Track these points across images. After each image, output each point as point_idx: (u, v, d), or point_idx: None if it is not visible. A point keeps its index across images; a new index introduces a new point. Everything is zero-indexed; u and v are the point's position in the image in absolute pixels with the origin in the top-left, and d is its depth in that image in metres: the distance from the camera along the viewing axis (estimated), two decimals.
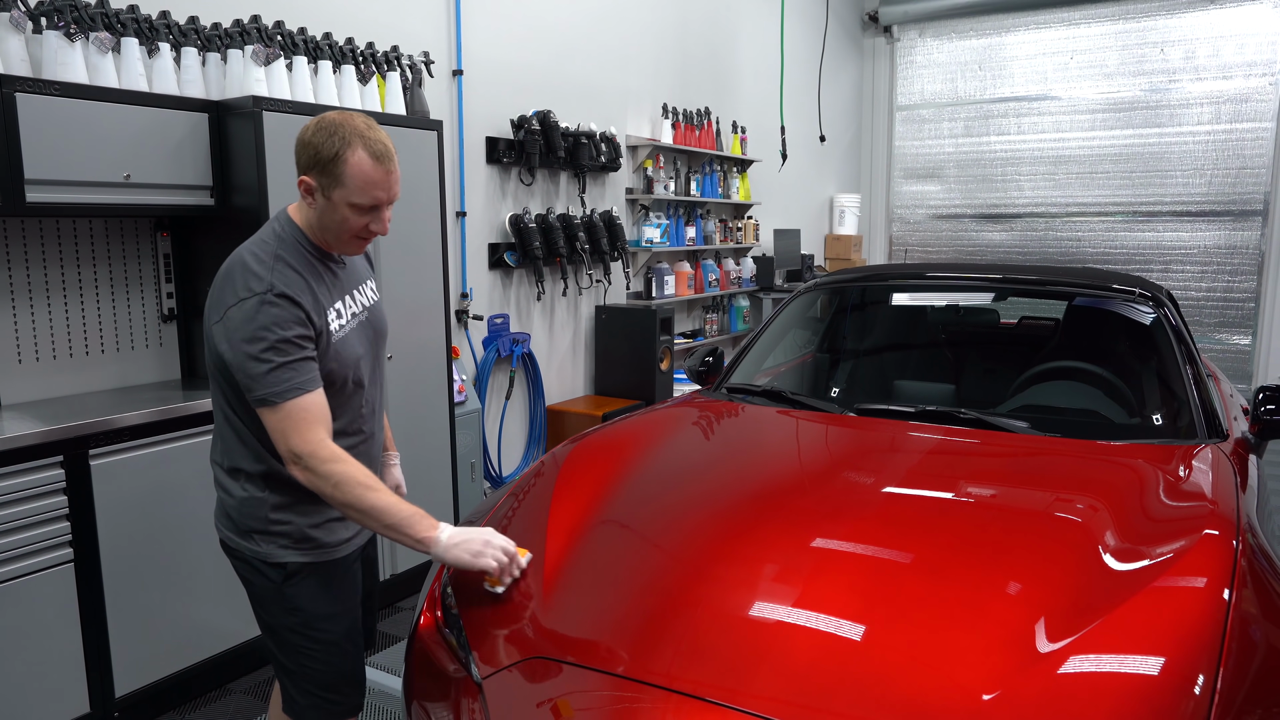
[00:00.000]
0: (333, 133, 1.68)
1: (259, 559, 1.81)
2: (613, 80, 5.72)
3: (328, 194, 1.71)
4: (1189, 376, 2.59)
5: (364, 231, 1.78)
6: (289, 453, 1.68)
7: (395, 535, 1.69)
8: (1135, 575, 1.62)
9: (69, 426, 2.58)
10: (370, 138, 1.70)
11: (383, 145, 1.72)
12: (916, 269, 3.45)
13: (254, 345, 1.65)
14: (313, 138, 1.70)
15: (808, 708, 1.38)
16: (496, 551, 1.71)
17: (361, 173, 1.69)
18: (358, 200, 1.71)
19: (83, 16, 2.79)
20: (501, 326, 4.97)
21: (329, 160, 1.68)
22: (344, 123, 1.70)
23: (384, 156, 1.72)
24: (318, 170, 1.70)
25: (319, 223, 1.77)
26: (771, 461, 2.36)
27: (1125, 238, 8.42)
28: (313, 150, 1.69)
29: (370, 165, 1.70)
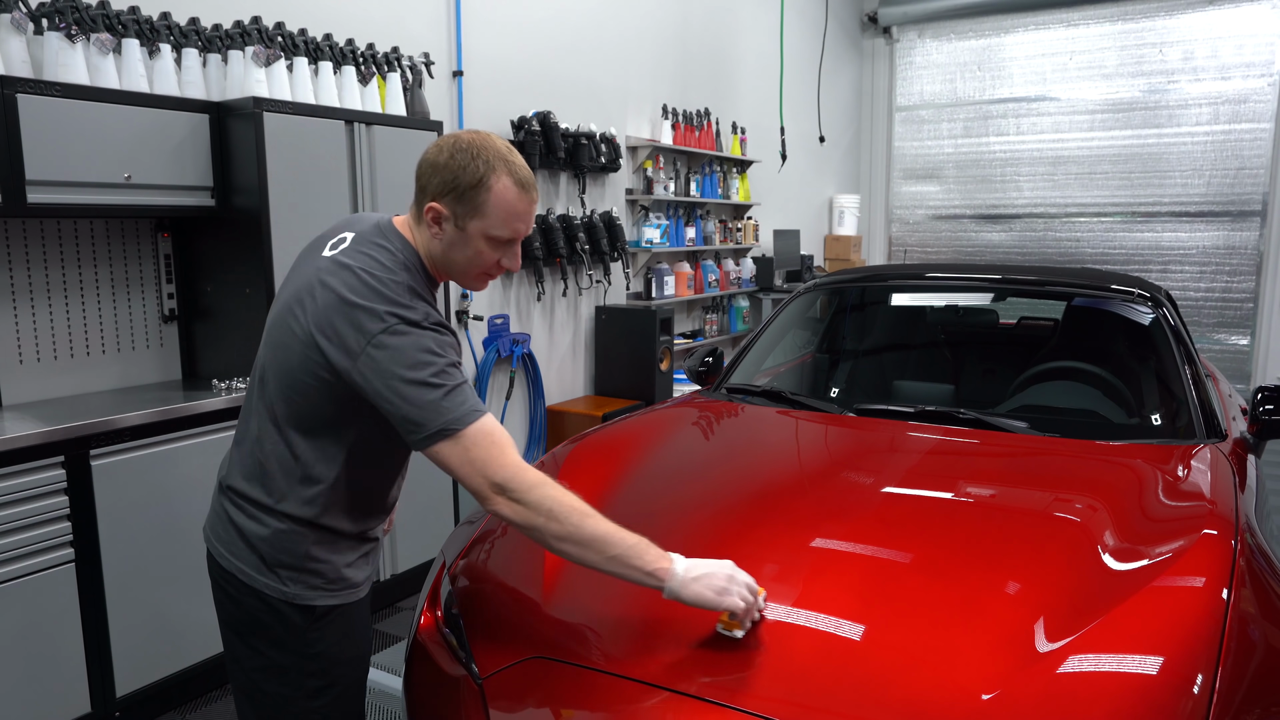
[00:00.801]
0: (475, 155, 1.50)
1: (285, 600, 1.59)
2: (613, 80, 5.72)
3: (462, 224, 1.52)
4: (1188, 376, 2.60)
5: (494, 268, 1.60)
6: (488, 484, 1.46)
7: (618, 568, 1.47)
8: (1134, 575, 1.62)
9: (70, 427, 2.59)
10: (514, 163, 1.53)
11: (527, 172, 1.55)
12: (916, 269, 3.46)
13: (420, 371, 1.44)
14: (450, 160, 1.50)
15: (807, 708, 1.38)
16: (742, 589, 1.48)
17: (506, 202, 1.51)
18: (498, 233, 1.53)
19: (84, 18, 2.80)
20: (502, 327, 4.98)
21: (470, 187, 1.49)
22: (485, 145, 1.52)
23: (529, 184, 1.55)
24: (453, 197, 1.50)
25: (444, 255, 1.57)
26: (771, 462, 2.37)
27: (1124, 238, 8.43)
28: (450, 175, 1.50)
29: (515, 194, 1.52)
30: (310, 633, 1.62)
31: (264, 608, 1.60)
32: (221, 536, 1.65)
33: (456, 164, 1.50)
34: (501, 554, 1.97)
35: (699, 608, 1.47)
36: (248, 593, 1.61)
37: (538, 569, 1.83)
